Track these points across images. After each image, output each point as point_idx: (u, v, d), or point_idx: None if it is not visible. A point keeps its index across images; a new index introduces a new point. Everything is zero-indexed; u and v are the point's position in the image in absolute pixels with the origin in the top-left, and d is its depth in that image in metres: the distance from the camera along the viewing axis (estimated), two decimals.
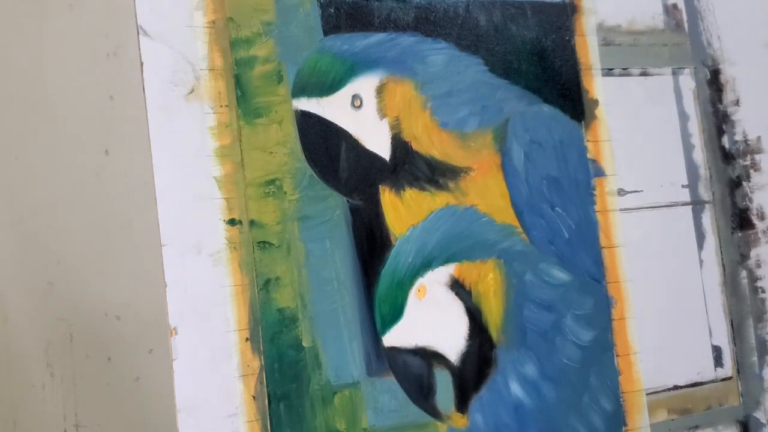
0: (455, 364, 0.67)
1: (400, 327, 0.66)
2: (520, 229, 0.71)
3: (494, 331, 0.69)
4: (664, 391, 0.76)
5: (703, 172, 0.81)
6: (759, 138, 0.83)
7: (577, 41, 0.76)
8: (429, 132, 0.69)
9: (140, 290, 0.78)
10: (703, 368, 0.79)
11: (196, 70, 0.62)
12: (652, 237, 0.77)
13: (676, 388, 0.77)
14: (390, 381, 0.65)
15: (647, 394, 0.74)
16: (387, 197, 0.67)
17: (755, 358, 0.81)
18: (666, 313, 0.77)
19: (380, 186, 0.67)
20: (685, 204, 0.80)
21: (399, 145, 0.68)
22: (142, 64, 0.61)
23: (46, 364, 0.85)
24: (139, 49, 0.61)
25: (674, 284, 0.78)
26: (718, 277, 0.81)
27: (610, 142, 0.76)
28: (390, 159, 0.68)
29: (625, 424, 0.73)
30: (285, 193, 0.64)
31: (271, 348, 0.62)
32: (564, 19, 0.76)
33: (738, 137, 0.83)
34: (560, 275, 0.72)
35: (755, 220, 0.83)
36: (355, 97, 0.67)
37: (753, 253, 0.82)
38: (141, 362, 0.80)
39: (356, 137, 0.67)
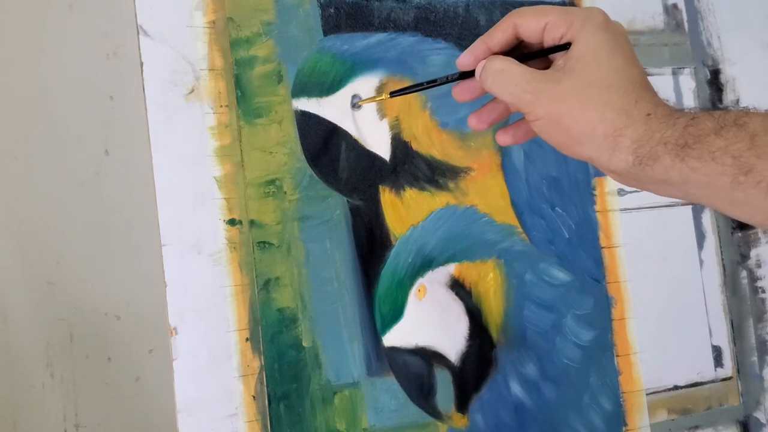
0: (455, 364, 0.67)
1: (400, 327, 0.66)
2: (520, 229, 0.71)
3: (494, 331, 0.69)
4: (664, 391, 0.76)
5: None
6: None
7: None
8: (429, 132, 0.69)
9: (140, 290, 0.78)
10: (703, 368, 0.78)
11: (196, 70, 0.62)
12: (652, 237, 0.77)
13: (676, 388, 0.77)
14: (390, 381, 0.65)
15: (647, 394, 0.74)
16: (387, 197, 0.67)
17: (755, 358, 0.81)
18: (666, 313, 0.77)
19: (380, 186, 0.67)
20: (685, 204, 0.80)
21: (399, 145, 0.68)
22: (142, 64, 0.61)
23: (46, 364, 0.85)
24: (139, 49, 0.61)
25: (674, 284, 0.78)
26: (718, 277, 0.81)
27: None
28: (390, 159, 0.68)
29: (625, 424, 0.73)
30: (285, 193, 0.64)
31: (271, 348, 0.62)
32: None
33: None
34: (560, 275, 0.72)
35: None
36: (355, 97, 0.66)
37: (753, 253, 0.82)
38: (141, 362, 0.80)
39: (356, 137, 0.67)
